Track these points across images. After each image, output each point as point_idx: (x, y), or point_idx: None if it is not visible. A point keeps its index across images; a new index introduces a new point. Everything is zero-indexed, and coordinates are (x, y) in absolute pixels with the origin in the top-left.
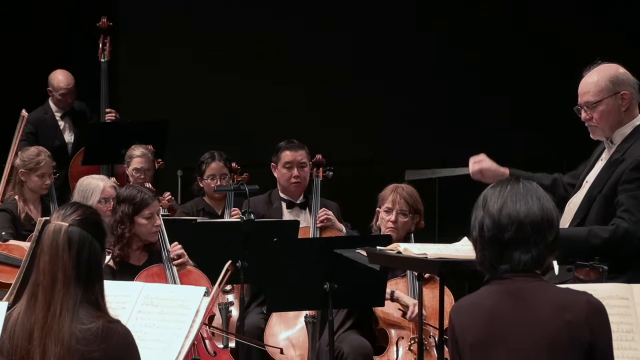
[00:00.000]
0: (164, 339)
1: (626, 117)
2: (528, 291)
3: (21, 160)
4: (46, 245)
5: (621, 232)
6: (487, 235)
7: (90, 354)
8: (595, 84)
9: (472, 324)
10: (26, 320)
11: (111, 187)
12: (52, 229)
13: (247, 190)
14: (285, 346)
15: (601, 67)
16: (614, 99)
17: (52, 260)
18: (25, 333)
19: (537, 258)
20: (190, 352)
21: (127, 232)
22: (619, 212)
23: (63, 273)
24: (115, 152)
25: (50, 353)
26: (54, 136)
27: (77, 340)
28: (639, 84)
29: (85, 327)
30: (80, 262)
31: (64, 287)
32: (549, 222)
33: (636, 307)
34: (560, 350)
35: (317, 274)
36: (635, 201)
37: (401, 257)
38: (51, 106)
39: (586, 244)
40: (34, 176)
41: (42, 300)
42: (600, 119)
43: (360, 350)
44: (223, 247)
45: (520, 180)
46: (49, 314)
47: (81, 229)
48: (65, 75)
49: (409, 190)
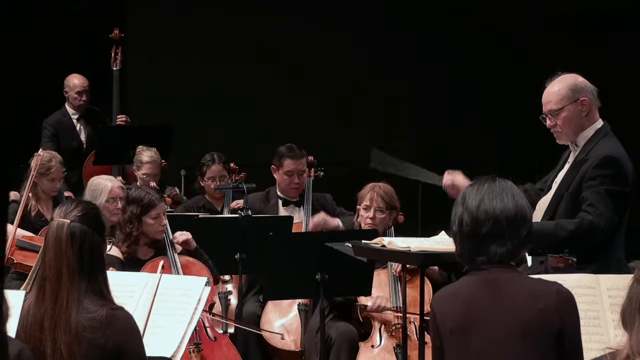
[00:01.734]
0: (168, 325)
1: (587, 121)
2: (503, 281)
3: (35, 164)
4: (50, 241)
5: (586, 224)
6: (465, 229)
7: (96, 340)
8: (556, 93)
9: (452, 311)
10: (36, 312)
11: (118, 187)
12: (55, 226)
13: (245, 188)
14: (279, 332)
15: (561, 77)
16: (574, 106)
17: (56, 255)
18: (36, 324)
19: (512, 251)
20: (192, 337)
21: (135, 231)
22: (584, 207)
23: (67, 267)
24: (124, 153)
25: (60, 341)
26: (71, 138)
27: (84, 328)
28: (597, 91)
29: (91, 316)
30: (83, 255)
31: (69, 279)
32: (523, 217)
33: (602, 296)
34: (532, 336)
35: (309, 266)
36: (599, 196)
37: (385, 250)
38: (68, 109)
39: (554, 236)
40: (45, 180)
41: (50, 293)
42: (563, 125)
43: (347, 336)
44: (222, 241)
45: (497, 179)
46: (57, 305)
47: (82, 224)
48: (79, 76)
49: (386, 188)
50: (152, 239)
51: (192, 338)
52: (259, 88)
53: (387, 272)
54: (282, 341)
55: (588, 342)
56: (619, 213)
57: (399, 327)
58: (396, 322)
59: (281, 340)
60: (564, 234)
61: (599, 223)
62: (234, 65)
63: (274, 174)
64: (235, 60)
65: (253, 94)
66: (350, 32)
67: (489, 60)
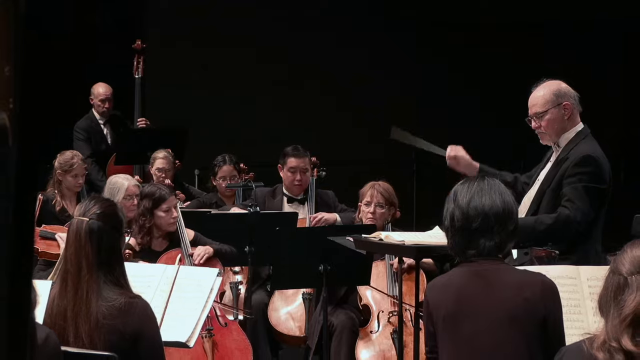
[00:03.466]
0: (183, 313)
1: (569, 124)
2: (491, 272)
3: (58, 163)
4: (71, 238)
5: (563, 218)
6: (457, 224)
7: (115, 326)
8: (541, 97)
9: (444, 300)
10: (60, 303)
11: (134, 185)
12: (76, 223)
13: (254, 187)
14: (285, 320)
15: (546, 83)
16: (557, 109)
17: (76, 251)
18: (60, 313)
19: (499, 244)
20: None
21: (148, 223)
22: (562, 202)
23: (87, 261)
24: (143, 154)
25: (82, 330)
26: (100, 141)
27: (104, 316)
28: (578, 97)
29: (110, 304)
30: (101, 250)
31: (88, 272)
32: (510, 213)
33: (582, 285)
34: (519, 322)
35: (312, 258)
36: (576, 192)
37: (383, 243)
38: (95, 115)
39: (534, 230)
40: (68, 176)
41: (71, 285)
42: (547, 127)
43: (348, 322)
44: (233, 235)
45: (485, 178)
46: (77, 296)
47: (100, 222)
48: (104, 85)
49: (385, 186)
50: (165, 231)
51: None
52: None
53: (384, 264)
54: (288, 327)
55: (570, 328)
56: (595, 208)
57: (395, 314)
58: (393, 309)
59: (287, 327)
60: (543, 228)
61: (575, 217)
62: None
63: (280, 172)
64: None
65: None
66: (353, 33)
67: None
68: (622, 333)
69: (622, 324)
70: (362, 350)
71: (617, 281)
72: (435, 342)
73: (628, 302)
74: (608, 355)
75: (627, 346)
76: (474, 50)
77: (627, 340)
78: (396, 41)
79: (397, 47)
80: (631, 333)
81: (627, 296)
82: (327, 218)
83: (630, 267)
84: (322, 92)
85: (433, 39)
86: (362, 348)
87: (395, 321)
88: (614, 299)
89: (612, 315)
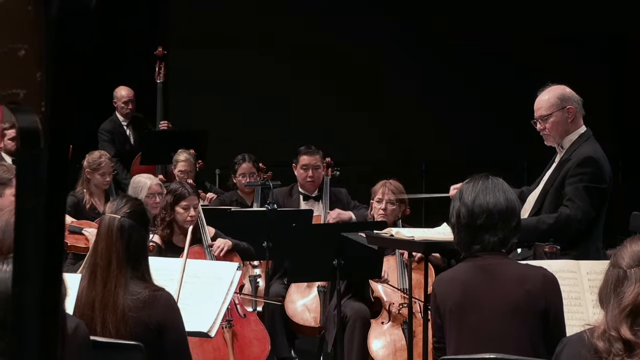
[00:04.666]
0: (204, 304)
1: (572, 126)
2: (495, 266)
3: (87, 162)
4: (103, 233)
5: (564, 217)
6: (462, 221)
7: (140, 319)
8: (546, 101)
9: (451, 293)
10: (88, 294)
11: (157, 184)
12: (107, 220)
13: (272, 185)
14: (301, 311)
15: (551, 87)
16: (562, 112)
17: (107, 246)
18: (88, 305)
19: (503, 240)
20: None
21: (168, 217)
22: (564, 201)
23: (117, 256)
24: (166, 155)
25: (109, 320)
26: (124, 142)
27: (130, 309)
28: (582, 101)
29: (135, 297)
30: (130, 246)
31: (118, 267)
32: (513, 211)
33: (582, 279)
34: (521, 314)
35: (327, 253)
36: (577, 191)
37: (393, 239)
38: (118, 117)
39: (536, 230)
40: (97, 175)
41: (100, 279)
42: (551, 129)
43: (360, 314)
44: (252, 231)
45: (490, 177)
46: (106, 289)
47: (130, 219)
48: (126, 88)
49: (396, 184)
50: (181, 226)
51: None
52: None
53: (395, 258)
54: (303, 318)
55: (570, 319)
56: (596, 207)
57: (405, 306)
58: (403, 301)
59: (303, 318)
60: (545, 227)
61: (576, 215)
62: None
63: (294, 170)
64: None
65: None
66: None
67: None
68: (621, 323)
69: (622, 314)
70: (374, 340)
71: (617, 274)
72: (442, 333)
73: (627, 294)
74: (608, 344)
75: (626, 335)
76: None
77: (626, 329)
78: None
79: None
80: (630, 323)
81: (626, 288)
82: (342, 218)
83: (630, 261)
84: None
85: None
86: (374, 338)
87: (405, 313)
88: (613, 291)
89: (612, 306)
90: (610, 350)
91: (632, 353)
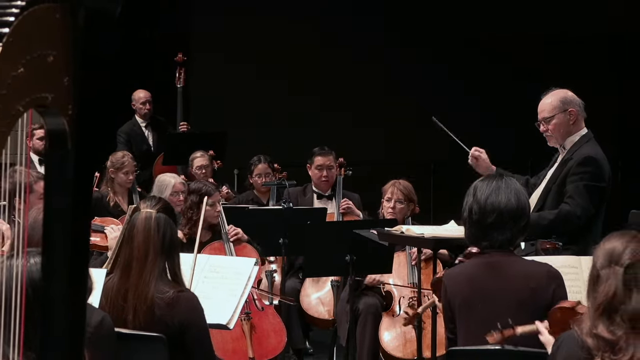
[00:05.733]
0: (224, 298)
1: (574, 128)
2: (502, 264)
3: (110, 161)
4: (140, 227)
5: (563, 213)
6: (474, 217)
7: (163, 317)
8: (549, 104)
9: (460, 289)
10: (121, 285)
11: (180, 183)
12: (144, 216)
13: (287, 185)
14: (316, 304)
15: (554, 91)
16: (564, 115)
17: (145, 239)
18: (120, 295)
19: (511, 238)
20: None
21: (195, 216)
22: (565, 199)
23: (154, 248)
24: (187, 155)
25: (140, 310)
26: (142, 142)
27: (156, 306)
28: (583, 104)
29: (162, 296)
30: (165, 240)
31: (154, 259)
32: (522, 211)
33: (583, 274)
34: (526, 309)
35: (340, 249)
36: (578, 189)
37: (404, 236)
38: (137, 119)
39: (538, 225)
40: (120, 173)
41: (137, 270)
42: (554, 130)
43: (372, 307)
44: (268, 228)
45: (504, 178)
46: (142, 280)
47: (165, 215)
48: (143, 90)
49: (405, 184)
50: (209, 223)
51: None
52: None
53: (405, 254)
54: (318, 311)
55: None
56: (595, 204)
57: (415, 300)
58: (412, 295)
59: (317, 311)
60: (546, 223)
61: (576, 212)
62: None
63: (309, 171)
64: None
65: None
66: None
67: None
68: (597, 321)
69: (596, 313)
70: (385, 332)
71: (593, 274)
72: (454, 324)
73: (599, 293)
74: (595, 340)
75: (602, 334)
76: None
77: (603, 328)
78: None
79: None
80: (606, 322)
81: (598, 287)
82: (353, 208)
83: (602, 261)
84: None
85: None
86: (384, 330)
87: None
88: (592, 290)
89: (591, 306)
90: (599, 347)
91: (614, 350)
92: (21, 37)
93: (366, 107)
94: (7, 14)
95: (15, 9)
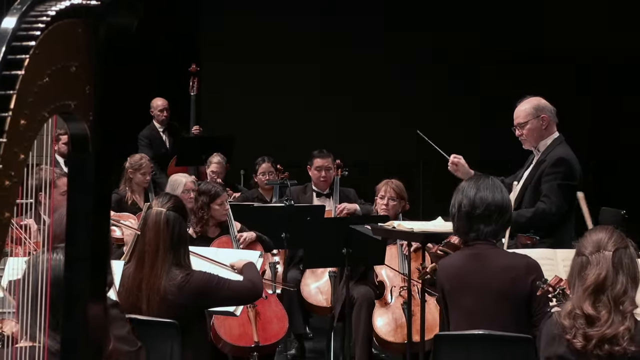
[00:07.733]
0: None
1: (547, 132)
2: (485, 255)
3: (129, 163)
4: (151, 223)
5: (540, 211)
6: (463, 210)
7: (176, 301)
8: (523, 110)
9: (448, 278)
10: (136, 277)
11: (191, 182)
12: (155, 213)
13: (289, 184)
14: (315, 293)
15: (528, 99)
16: (537, 120)
17: (156, 235)
18: (135, 286)
19: (495, 231)
20: None
21: (205, 215)
22: (541, 197)
23: (163, 243)
24: (198, 157)
25: (153, 300)
26: (160, 146)
27: (169, 292)
28: (555, 110)
29: (173, 282)
30: (174, 235)
31: (164, 253)
32: (507, 206)
33: (558, 265)
34: (507, 297)
35: (337, 242)
36: (552, 189)
37: (396, 230)
38: (155, 125)
39: (516, 222)
40: (138, 174)
41: (148, 263)
42: (528, 135)
43: (366, 296)
44: (271, 223)
45: (489, 177)
46: (153, 272)
47: (174, 212)
48: (161, 98)
49: (397, 182)
50: (218, 221)
51: None
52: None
53: (396, 247)
54: (317, 299)
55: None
56: (568, 201)
57: (405, 289)
58: (403, 285)
59: (316, 299)
60: (524, 220)
61: (551, 209)
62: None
63: (309, 171)
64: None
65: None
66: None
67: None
68: (585, 300)
69: (585, 292)
70: (378, 318)
71: (580, 261)
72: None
73: (590, 275)
74: (572, 321)
75: (588, 310)
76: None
77: (588, 305)
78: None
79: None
80: (592, 300)
81: (588, 271)
82: (349, 208)
83: (592, 249)
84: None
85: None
86: (378, 316)
87: (405, 294)
88: (578, 275)
89: (577, 289)
90: (573, 326)
91: (592, 326)
92: (47, 50)
93: (366, 110)
94: (34, 28)
95: (42, 24)
